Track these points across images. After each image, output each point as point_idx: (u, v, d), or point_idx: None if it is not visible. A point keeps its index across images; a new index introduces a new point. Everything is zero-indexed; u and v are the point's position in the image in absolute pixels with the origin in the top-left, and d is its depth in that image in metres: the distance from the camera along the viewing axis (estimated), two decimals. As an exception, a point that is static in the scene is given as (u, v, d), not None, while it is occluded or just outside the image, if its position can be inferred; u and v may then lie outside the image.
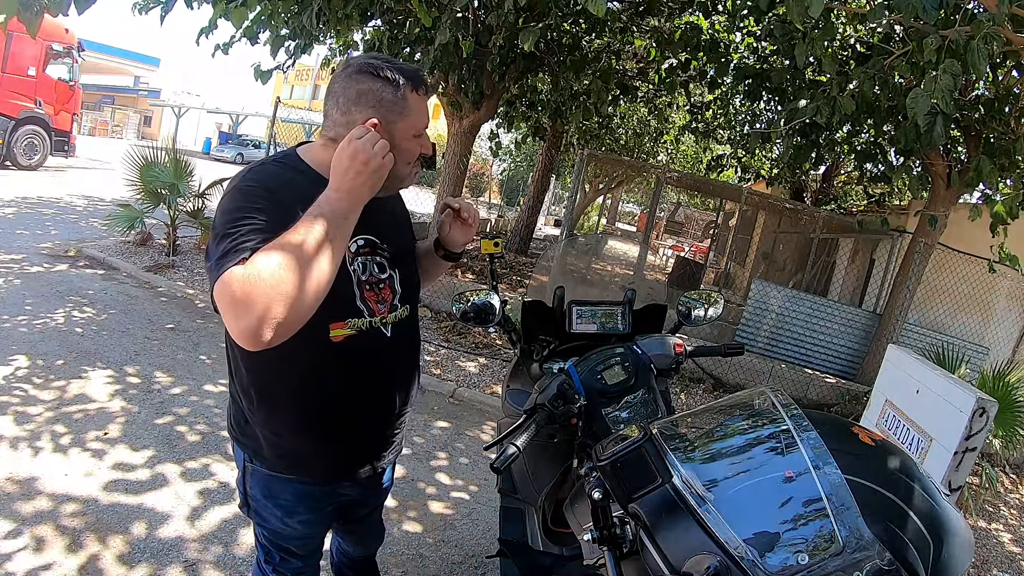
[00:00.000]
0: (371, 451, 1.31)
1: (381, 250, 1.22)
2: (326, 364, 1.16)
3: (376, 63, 1.11)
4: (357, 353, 1.18)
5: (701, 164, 13.31)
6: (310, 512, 1.28)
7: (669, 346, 1.61)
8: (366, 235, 1.18)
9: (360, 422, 1.25)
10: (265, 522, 1.28)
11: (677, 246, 18.21)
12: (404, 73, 1.11)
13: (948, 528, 0.89)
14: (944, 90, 2.52)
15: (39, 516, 2.18)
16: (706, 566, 0.80)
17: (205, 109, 28.18)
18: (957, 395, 2.31)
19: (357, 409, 1.24)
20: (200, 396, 3.34)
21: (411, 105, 1.11)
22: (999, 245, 4.51)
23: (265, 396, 1.18)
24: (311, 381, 1.16)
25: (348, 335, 1.15)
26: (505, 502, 1.90)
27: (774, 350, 5.96)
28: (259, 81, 5.16)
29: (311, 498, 1.27)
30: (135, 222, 5.89)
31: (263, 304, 0.89)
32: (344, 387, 1.20)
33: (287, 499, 1.25)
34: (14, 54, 10.18)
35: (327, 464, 1.25)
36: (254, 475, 1.24)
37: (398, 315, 1.25)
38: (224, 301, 0.91)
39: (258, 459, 1.23)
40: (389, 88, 1.09)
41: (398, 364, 1.29)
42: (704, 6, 5.62)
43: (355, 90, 1.09)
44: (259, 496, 1.25)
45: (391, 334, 1.23)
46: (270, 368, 1.15)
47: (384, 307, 1.21)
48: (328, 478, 1.27)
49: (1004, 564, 3.33)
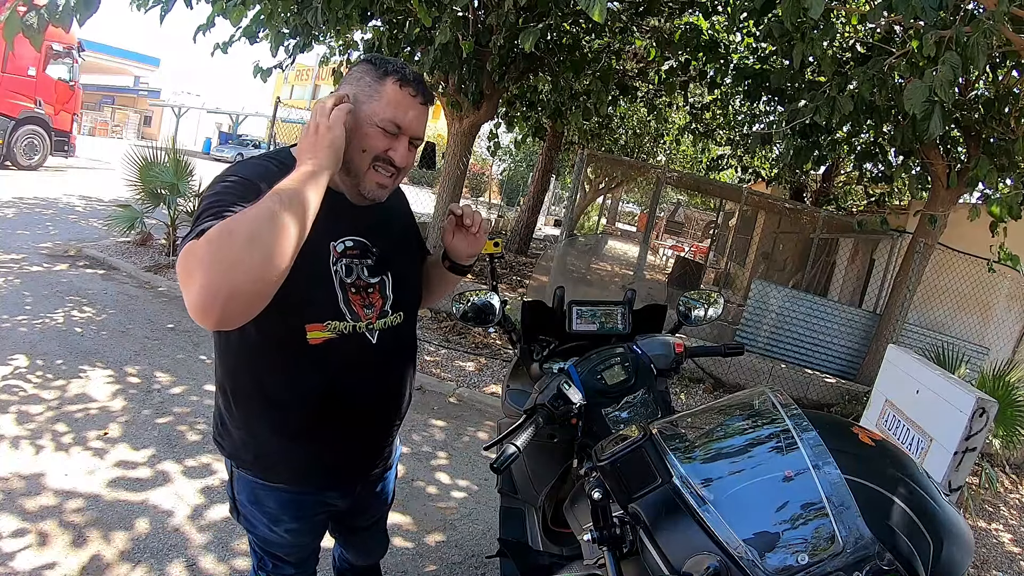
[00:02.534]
0: (354, 461, 1.27)
1: (371, 254, 1.17)
2: (303, 366, 1.12)
3: (381, 56, 1.11)
4: (337, 357, 1.13)
5: (701, 164, 13.30)
6: (296, 521, 1.25)
7: (669, 346, 1.61)
8: (355, 237, 1.15)
9: (339, 430, 1.20)
10: (254, 528, 1.26)
11: (677, 246, 18.20)
12: (395, 65, 1.09)
13: (948, 528, 0.89)
14: (943, 81, 2.51)
15: (42, 513, 2.18)
16: (706, 566, 0.80)
17: (205, 109, 28.19)
18: (957, 395, 2.31)
19: (336, 416, 1.18)
20: (200, 396, 3.34)
21: (385, 92, 1.06)
22: (999, 245, 4.51)
23: (241, 395, 1.15)
24: (286, 382, 1.13)
25: (327, 338, 1.11)
26: (505, 502, 1.90)
27: (774, 350, 5.96)
28: (259, 79, 5.16)
29: (295, 506, 1.23)
30: (135, 222, 5.89)
31: (204, 275, 0.81)
32: (322, 392, 1.15)
33: (271, 507, 1.22)
34: (14, 54, 10.18)
35: (304, 471, 1.21)
36: (240, 480, 1.23)
37: (388, 322, 1.20)
38: (180, 276, 0.86)
39: (239, 463, 1.21)
40: (373, 72, 1.08)
41: (385, 373, 1.24)
42: (704, 7, 5.62)
43: (348, 74, 1.11)
44: (246, 502, 1.23)
45: (377, 341, 1.18)
46: (247, 366, 1.13)
47: (372, 312, 1.17)
48: (307, 485, 1.23)
49: (1004, 564, 3.33)
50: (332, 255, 1.12)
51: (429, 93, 1.13)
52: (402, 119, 1.08)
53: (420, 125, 1.11)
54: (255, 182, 1.01)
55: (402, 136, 1.09)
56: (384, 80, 1.07)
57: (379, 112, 1.07)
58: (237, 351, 1.13)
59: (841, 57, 4.96)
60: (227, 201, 0.95)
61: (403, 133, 1.09)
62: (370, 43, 5.55)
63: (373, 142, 1.08)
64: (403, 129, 1.09)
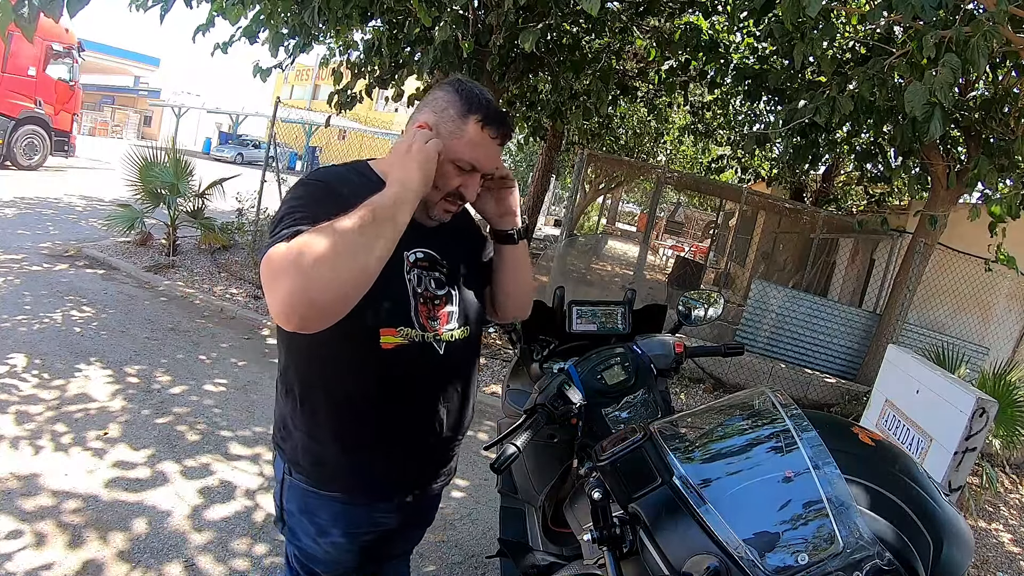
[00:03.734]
0: (413, 474, 1.25)
1: (440, 266, 1.18)
2: (372, 370, 1.12)
3: (467, 83, 1.12)
4: (406, 364, 1.13)
5: (700, 164, 13.30)
6: (344, 536, 1.21)
7: (669, 346, 1.62)
8: (425, 249, 1.16)
9: (402, 439, 1.19)
10: (297, 540, 1.24)
11: (677, 246, 18.21)
12: (480, 102, 1.10)
13: (948, 528, 0.89)
14: (943, 83, 2.51)
15: (40, 513, 2.18)
16: (706, 566, 0.80)
17: (205, 109, 28.17)
18: (957, 395, 2.31)
19: (400, 424, 1.17)
20: (200, 396, 3.34)
21: (467, 132, 1.09)
22: (997, 245, 4.51)
23: (308, 396, 1.15)
24: (355, 385, 1.12)
25: (399, 344, 1.11)
26: (505, 502, 1.90)
27: (774, 350, 5.96)
28: (259, 79, 5.15)
29: (346, 518, 1.20)
30: (135, 222, 5.89)
31: (292, 281, 0.87)
32: (389, 397, 1.14)
33: (322, 517, 1.19)
34: (14, 54, 10.17)
35: (361, 479, 1.19)
36: (291, 489, 1.20)
37: (454, 335, 1.19)
38: (264, 277, 0.91)
39: (296, 469, 1.19)
40: (458, 105, 1.09)
41: (450, 385, 1.23)
42: (704, 7, 5.61)
43: (432, 96, 1.13)
44: (295, 511, 1.21)
45: (444, 352, 1.17)
46: (317, 366, 1.13)
47: (437, 324, 1.16)
48: (361, 495, 1.20)
49: (1004, 564, 3.33)
50: (406, 264, 1.13)
51: (509, 132, 1.14)
52: (479, 160, 1.11)
53: (494, 163, 1.14)
54: (337, 188, 1.06)
55: (475, 173, 1.12)
56: (467, 118, 1.09)
57: (458, 151, 1.09)
58: (308, 350, 1.13)
59: (841, 57, 4.96)
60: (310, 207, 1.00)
61: (477, 170, 1.12)
62: (370, 43, 5.55)
63: (448, 180, 1.11)
64: (477, 168, 1.12)
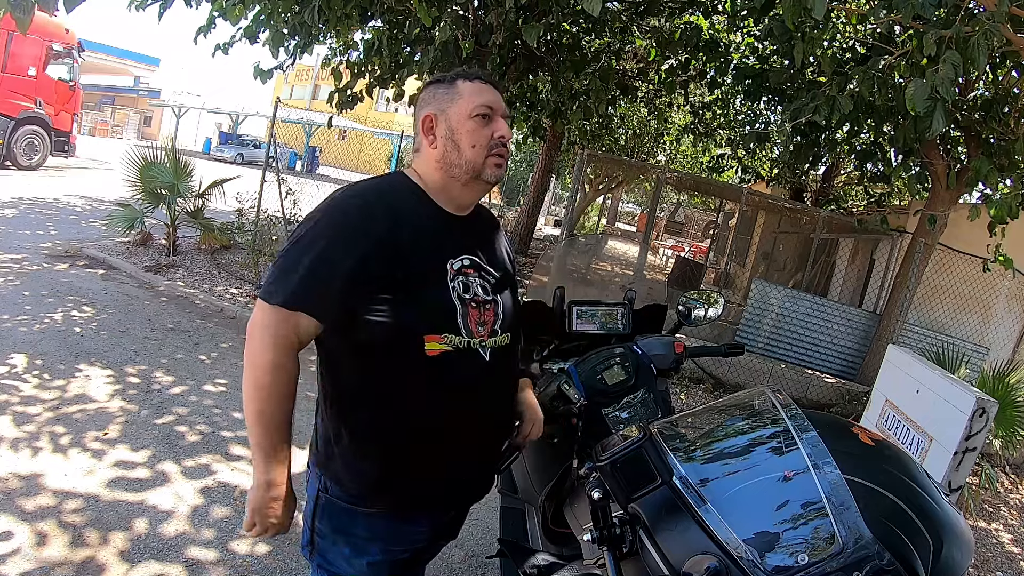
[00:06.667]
0: (455, 485, 1.23)
1: (486, 272, 1.20)
2: (418, 377, 1.11)
3: (439, 74, 1.23)
4: (452, 372, 1.12)
5: (700, 164, 13.30)
6: (382, 553, 1.18)
7: (669, 346, 1.62)
8: (470, 256, 1.18)
9: (448, 448, 1.17)
10: (329, 564, 1.19)
11: (677, 246, 18.19)
12: (455, 71, 1.21)
13: (948, 528, 0.89)
14: (944, 79, 2.51)
15: (41, 513, 2.18)
16: (706, 566, 0.80)
17: (205, 109, 28.14)
18: (957, 395, 2.31)
19: (446, 433, 1.15)
20: (200, 396, 3.34)
21: (460, 90, 1.17)
22: (995, 245, 4.51)
23: (352, 407, 1.14)
24: (400, 394, 1.11)
25: (443, 351, 1.10)
26: (505, 502, 1.90)
27: (774, 350, 5.96)
28: (259, 80, 5.15)
29: (385, 534, 1.17)
30: (135, 222, 5.88)
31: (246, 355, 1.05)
32: (435, 404, 1.13)
33: (360, 534, 1.16)
34: (14, 54, 10.17)
35: (404, 492, 1.16)
36: (326, 507, 1.17)
37: (498, 341, 1.19)
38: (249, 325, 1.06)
39: (336, 485, 1.16)
40: (441, 84, 1.19)
41: (495, 392, 1.22)
42: (704, 6, 5.62)
43: (421, 97, 1.22)
44: (327, 531, 1.17)
45: (489, 358, 1.17)
46: (361, 373, 1.12)
47: (484, 329, 1.16)
48: (402, 510, 1.18)
49: (1004, 564, 3.33)
50: (449, 273, 1.14)
51: (492, 78, 1.24)
52: (488, 100, 1.18)
53: (501, 102, 1.21)
54: (371, 210, 1.11)
55: (495, 115, 1.19)
56: (454, 83, 1.18)
57: (467, 106, 1.16)
58: (351, 360, 1.12)
59: (841, 57, 4.96)
60: (319, 254, 1.05)
61: (495, 112, 1.18)
62: (370, 43, 5.55)
63: (478, 134, 1.16)
64: (494, 109, 1.18)
